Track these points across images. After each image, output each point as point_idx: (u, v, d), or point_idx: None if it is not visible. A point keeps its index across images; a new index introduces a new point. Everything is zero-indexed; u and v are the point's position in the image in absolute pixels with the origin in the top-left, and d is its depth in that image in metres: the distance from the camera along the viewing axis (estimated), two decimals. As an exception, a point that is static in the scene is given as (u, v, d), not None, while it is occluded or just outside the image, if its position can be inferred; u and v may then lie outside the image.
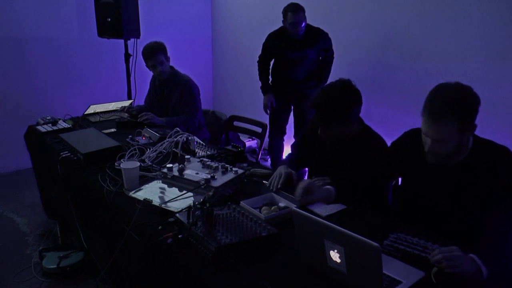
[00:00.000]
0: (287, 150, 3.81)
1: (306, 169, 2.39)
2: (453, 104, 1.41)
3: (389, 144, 2.00)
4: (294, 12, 3.34)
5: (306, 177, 2.46)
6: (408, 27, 3.34)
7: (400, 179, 1.98)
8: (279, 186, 1.95)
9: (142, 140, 2.60)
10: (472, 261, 1.31)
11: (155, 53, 3.06)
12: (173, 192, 1.83)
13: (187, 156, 2.11)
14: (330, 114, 1.89)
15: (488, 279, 1.28)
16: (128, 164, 1.94)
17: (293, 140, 2.97)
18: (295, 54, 3.54)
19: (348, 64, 3.76)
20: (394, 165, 1.78)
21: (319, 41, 3.51)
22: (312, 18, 3.97)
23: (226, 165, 2.00)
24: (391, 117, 3.50)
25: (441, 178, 1.59)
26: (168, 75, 3.19)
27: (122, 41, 3.82)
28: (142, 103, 3.56)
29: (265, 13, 4.58)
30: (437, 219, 1.61)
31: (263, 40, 3.70)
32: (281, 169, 2.04)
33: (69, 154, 2.30)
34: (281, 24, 3.53)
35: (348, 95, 1.90)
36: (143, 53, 3.10)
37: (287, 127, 3.89)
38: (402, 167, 1.75)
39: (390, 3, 3.43)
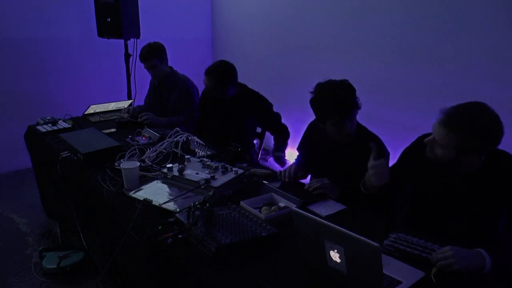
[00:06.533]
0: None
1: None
2: (465, 122, 1.40)
3: (391, 145, 2.01)
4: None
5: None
6: (409, 27, 3.33)
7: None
8: (287, 179, 2.03)
9: (142, 140, 2.60)
10: (477, 255, 1.31)
11: (147, 58, 3.08)
12: (173, 192, 1.83)
13: (187, 156, 2.11)
14: (346, 98, 1.88)
15: (489, 272, 1.29)
16: (128, 164, 1.94)
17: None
18: None
19: (349, 64, 3.76)
20: (404, 173, 1.76)
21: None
22: (313, 19, 3.98)
23: (226, 165, 2.00)
24: (391, 118, 3.50)
25: (452, 187, 1.58)
26: (167, 76, 3.20)
27: (122, 41, 3.82)
28: (142, 103, 3.56)
29: (265, 14, 4.58)
30: (447, 227, 1.60)
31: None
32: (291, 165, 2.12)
33: (69, 154, 2.30)
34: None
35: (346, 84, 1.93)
36: (139, 54, 3.14)
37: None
38: (413, 174, 1.73)
39: (391, 3, 3.43)
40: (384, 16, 3.49)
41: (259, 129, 3.14)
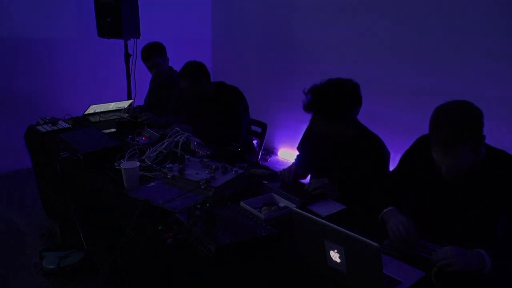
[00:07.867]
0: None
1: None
2: (460, 128, 1.38)
3: (391, 145, 2.00)
4: None
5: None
6: (409, 27, 3.33)
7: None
8: (288, 178, 2.02)
9: (142, 140, 2.60)
10: (477, 256, 1.31)
11: (151, 56, 3.10)
12: (173, 192, 1.83)
13: (187, 156, 2.11)
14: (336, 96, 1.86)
15: (489, 272, 1.29)
16: (128, 164, 1.94)
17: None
18: None
19: (349, 64, 3.76)
20: (405, 177, 1.76)
21: None
22: (313, 19, 3.98)
23: (226, 165, 2.00)
24: (391, 118, 3.50)
25: (454, 188, 1.58)
26: (167, 75, 3.20)
27: (122, 41, 3.82)
28: (142, 103, 3.56)
29: (265, 13, 4.58)
30: (447, 227, 1.60)
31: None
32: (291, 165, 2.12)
33: (69, 154, 2.30)
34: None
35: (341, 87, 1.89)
36: (141, 54, 3.15)
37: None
38: (414, 178, 1.73)
39: (391, 3, 3.43)
40: (384, 15, 3.49)
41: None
